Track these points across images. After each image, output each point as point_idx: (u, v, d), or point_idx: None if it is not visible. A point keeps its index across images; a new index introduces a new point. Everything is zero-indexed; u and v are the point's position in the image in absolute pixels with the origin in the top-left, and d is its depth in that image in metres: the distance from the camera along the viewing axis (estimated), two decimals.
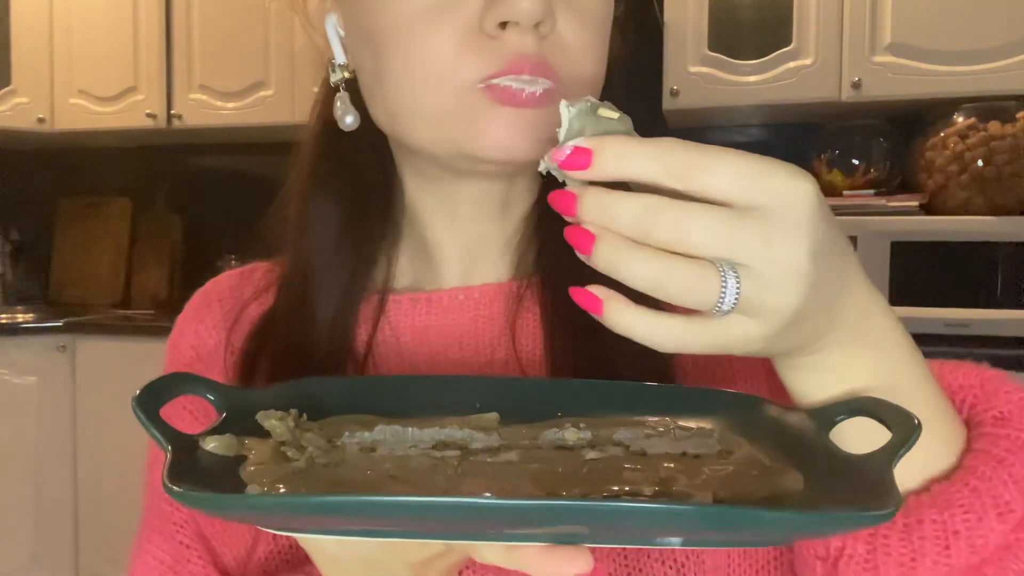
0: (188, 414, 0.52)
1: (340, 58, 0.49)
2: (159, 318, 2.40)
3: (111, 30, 2.53)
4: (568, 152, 0.30)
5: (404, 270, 0.54)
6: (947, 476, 0.37)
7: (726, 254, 0.29)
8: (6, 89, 2.57)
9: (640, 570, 0.45)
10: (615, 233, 0.30)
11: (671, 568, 0.45)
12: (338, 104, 0.49)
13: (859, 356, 0.34)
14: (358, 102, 0.49)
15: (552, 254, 0.52)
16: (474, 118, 0.43)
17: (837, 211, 1.93)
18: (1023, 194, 1.80)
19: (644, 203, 0.29)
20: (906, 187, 2.00)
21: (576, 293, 0.31)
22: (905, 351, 0.36)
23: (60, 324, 2.33)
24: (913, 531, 0.35)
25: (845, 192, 2.00)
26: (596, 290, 0.31)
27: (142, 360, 2.17)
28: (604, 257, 0.30)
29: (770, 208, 0.29)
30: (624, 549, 0.45)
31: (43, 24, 2.58)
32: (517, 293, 0.52)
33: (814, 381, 0.35)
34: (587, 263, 0.31)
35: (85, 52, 2.57)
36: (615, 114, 0.32)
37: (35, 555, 2.31)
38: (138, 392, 0.32)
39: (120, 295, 2.74)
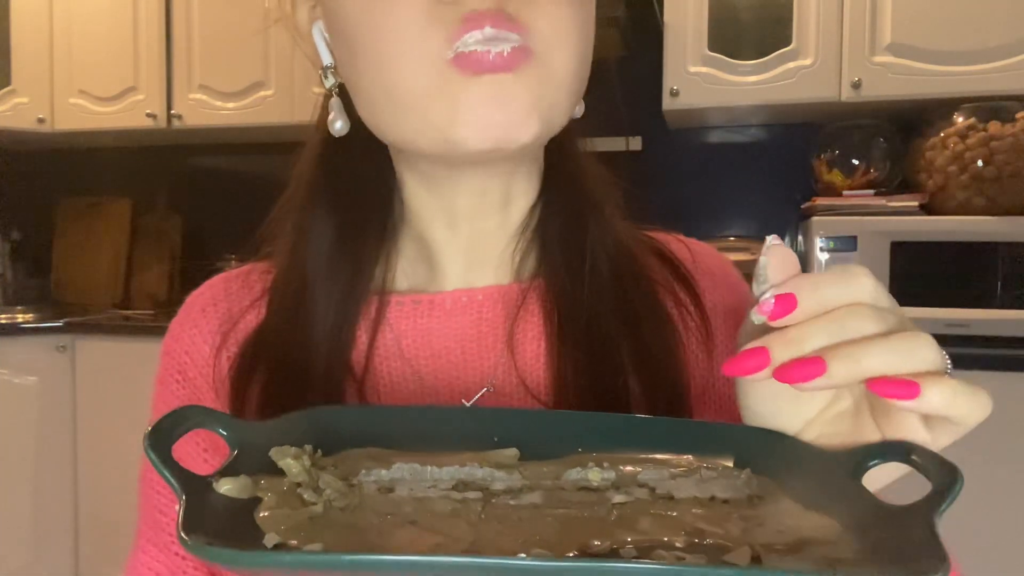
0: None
1: (327, 60, 0.49)
2: (159, 318, 2.40)
3: (111, 30, 2.53)
4: (770, 308, 0.34)
5: (404, 272, 0.54)
6: None
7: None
8: (6, 89, 2.57)
9: None
10: (833, 349, 0.32)
11: None
12: (331, 109, 0.49)
13: None
14: (351, 109, 0.49)
15: (553, 257, 0.52)
16: (451, 96, 0.41)
17: (837, 211, 1.94)
18: (1023, 194, 1.80)
19: (827, 325, 0.33)
20: (906, 187, 2.00)
21: (886, 386, 0.32)
22: None
23: (60, 324, 2.33)
24: None
25: (845, 192, 2.00)
26: (907, 379, 0.31)
27: (142, 360, 2.17)
28: (842, 368, 0.32)
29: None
30: None
31: (43, 24, 2.58)
32: (519, 296, 0.52)
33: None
34: (821, 385, 0.32)
35: (85, 52, 2.56)
36: None
37: (35, 555, 2.30)
38: (149, 430, 0.31)
39: (120, 295, 2.74)
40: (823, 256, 1.85)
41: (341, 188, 0.52)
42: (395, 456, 0.36)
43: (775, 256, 0.35)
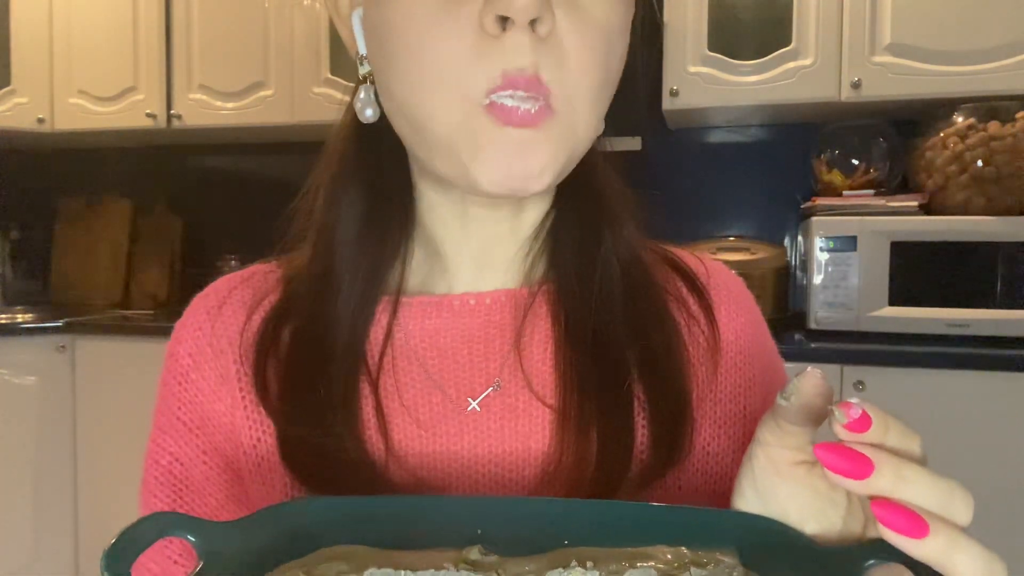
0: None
1: (363, 49, 0.49)
2: (159, 318, 2.40)
3: (111, 30, 2.53)
4: (858, 415, 0.31)
5: (415, 270, 0.54)
6: None
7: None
8: (6, 89, 2.57)
9: None
10: (887, 459, 0.31)
11: None
12: (360, 96, 0.50)
13: None
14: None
15: (565, 262, 0.53)
16: (477, 139, 0.43)
17: (837, 211, 1.94)
18: (1023, 194, 1.80)
19: (944, 488, 0.31)
20: (906, 187, 2.00)
21: (895, 516, 0.30)
22: None
23: (60, 324, 2.32)
24: None
25: (845, 192, 2.00)
26: (919, 514, 0.30)
27: (142, 360, 2.17)
28: (884, 481, 0.31)
29: None
30: None
31: (43, 24, 2.58)
32: (528, 300, 0.53)
33: None
34: (860, 489, 0.31)
35: (85, 52, 2.56)
36: None
37: (35, 555, 2.30)
38: (107, 551, 0.30)
39: (120, 295, 2.74)
40: (823, 256, 1.85)
41: (367, 174, 0.53)
42: (369, 559, 0.35)
43: (809, 380, 0.34)
